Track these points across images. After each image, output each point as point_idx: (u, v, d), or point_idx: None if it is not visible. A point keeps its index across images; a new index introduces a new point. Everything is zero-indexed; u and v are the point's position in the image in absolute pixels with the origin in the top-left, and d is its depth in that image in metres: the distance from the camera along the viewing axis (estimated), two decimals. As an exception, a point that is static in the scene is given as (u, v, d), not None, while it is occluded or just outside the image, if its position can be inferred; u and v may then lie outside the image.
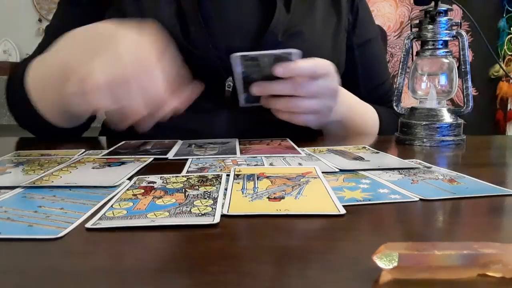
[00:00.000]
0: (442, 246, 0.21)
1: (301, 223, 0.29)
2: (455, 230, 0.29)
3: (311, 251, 0.25)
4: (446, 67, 0.62)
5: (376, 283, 0.21)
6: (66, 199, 0.34)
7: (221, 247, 0.25)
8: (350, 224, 0.29)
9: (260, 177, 0.39)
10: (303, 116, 0.61)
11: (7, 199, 0.34)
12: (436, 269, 0.21)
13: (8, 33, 2.60)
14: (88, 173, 0.43)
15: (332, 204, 0.32)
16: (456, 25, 0.61)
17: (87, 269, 0.23)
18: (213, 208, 0.31)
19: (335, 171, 0.43)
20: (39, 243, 0.26)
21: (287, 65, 0.56)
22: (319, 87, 0.58)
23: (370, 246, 0.22)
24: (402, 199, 0.34)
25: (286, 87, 0.58)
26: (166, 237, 0.27)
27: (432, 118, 0.60)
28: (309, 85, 0.58)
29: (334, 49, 0.74)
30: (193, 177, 0.40)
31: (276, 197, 0.33)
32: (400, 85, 0.66)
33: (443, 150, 0.57)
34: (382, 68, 0.87)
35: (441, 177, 0.40)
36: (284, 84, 0.58)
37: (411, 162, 0.46)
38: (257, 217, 0.30)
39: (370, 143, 0.59)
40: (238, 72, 0.58)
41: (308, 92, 0.58)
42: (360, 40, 0.81)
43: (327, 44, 0.73)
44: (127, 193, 0.35)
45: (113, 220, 0.29)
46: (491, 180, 0.39)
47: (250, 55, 0.55)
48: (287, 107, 0.60)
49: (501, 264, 0.21)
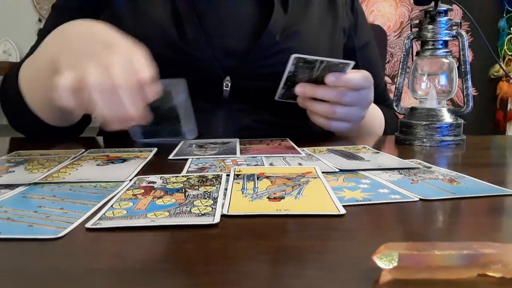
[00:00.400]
0: (442, 246, 0.21)
1: (301, 223, 0.29)
2: (455, 230, 0.29)
3: (311, 251, 0.25)
4: (446, 67, 0.62)
5: (376, 283, 0.21)
6: (66, 199, 0.34)
7: (221, 247, 0.25)
8: (350, 224, 0.29)
9: (260, 177, 0.39)
10: (338, 122, 0.63)
11: (7, 199, 0.34)
12: (436, 269, 0.21)
13: (8, 33, 2.60)
14: (94, 170, 0.43)
15: (332, 204, 0.32)
16: (456, 25, 0.61)
17: (87, 269, 0.23)
18: (213, 208, 0.31)
19: (335, 171, 0.43)
20: (39, 243, 0.26)
21: (340, 76, 0.58)
22: (360, 98, 0.61)
23: (370, 246, 0.22)
24: (402, 199, 0.34)
25: (331, 94, 0.60)
26: (166, 237, 0.27)
27: (432, 118, 0.60)
28: (353, 95, 0.60)
29: (330, 49, 0.74)
30: (193, 177, 0.40)
31: (276, 197, 0.33)
32: (400, 85, 0.66)
33: (443, 150, 0.57)
34: (378, 69, 0.89)
35: (441, 177, 0.40)
36: (330, 91, 0.60)
37: (411, 162, 0.46)
38: (257, 217, 0.30)
39: (370, 143, 0.59)
40: (288, 70, 0.59)
41: (350, 101, 0.61)
42: (361, 43, 0.82)
43: (324, 44, 0.73)
44: (127, 193, 0.35)
45: (113, 220, 0.29)
46: (491, 180, 0.39)
47: (307, 59, 0.57)
48: (326, 112, 0.61)
49: (501, 264, 0.21)
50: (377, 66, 0.89)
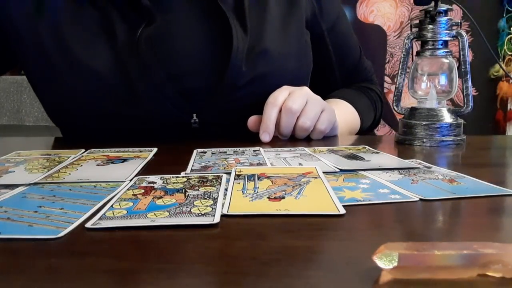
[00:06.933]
0: (442, 246, 0.21)
1: (301, 223, 0.29)
2: (455, 230, 0.29)
3: (311, 251, 0.25)
4: (446, 67, 0.62)
5: (376, 283, 0.21)
6: (66, 199, 0.34)
7: (221, 247, 0.25)
8: (350, 224, 0.29)
9: (261, 177, 0.39)
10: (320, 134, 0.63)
11: (7, 199, 0.34)
12: (436, 269, 0.21)
13: None
14: (94, 170, 0.43)
15: (332, 204, 0.32)
16: (456, 25, 0.61)
17: (87, 269, 0.23)
18: (213, 208, 0.31)
19: (335, 171, 0.43)
20: (39, 243, 0.26)
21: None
22: (312, 113, 0.61)
23: (370, 246, 0.22)
24: (402, 199, 0.34)
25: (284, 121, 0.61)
26: (166, 237, 0.27)
27: (432, 118, 0.60)
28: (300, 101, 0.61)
29: (299, 53, 0.70)
30: (193, 178, 0.40)
31: (277, 197, 0.33)
32: (400, 85, 0.66)
33: (443, 150, 0.57)
34: (348, 47, 0.84)
35: (441, 177, 0.40)
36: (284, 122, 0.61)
37: (411, 162, 0.46)
38: (257, 217, 0.30)
39: (370, 143, 0.59)
40: None
41: (313, 119, 0.61)
42: (329, 24, 0.77)
43: (293, 51, 0.68)
44: (127, 193, 0.35)
45: (113, 220, 0.29)
46: (491, 180, 0.39)
47: None
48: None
49: (501, 264, 0.21)
50: (348, 42, 0.83)
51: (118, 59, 0.60)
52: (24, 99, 1.69)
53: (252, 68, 0.63)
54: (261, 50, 0.64)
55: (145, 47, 0.59)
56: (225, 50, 0.62)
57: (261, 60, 0.64)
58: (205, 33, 0.64)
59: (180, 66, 0.63)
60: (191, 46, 0.64)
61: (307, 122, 0.60)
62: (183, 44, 0.63)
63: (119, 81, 0.60)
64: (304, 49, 0.72)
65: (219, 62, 0.62)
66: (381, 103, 0.87)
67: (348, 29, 0.84)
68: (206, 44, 0.64)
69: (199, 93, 0.63)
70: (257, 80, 0.63)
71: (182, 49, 0.63)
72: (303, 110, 0.61)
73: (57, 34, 0.61)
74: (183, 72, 0.63)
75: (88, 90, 0.60)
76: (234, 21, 0.63)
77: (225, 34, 0.62)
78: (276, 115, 0.60)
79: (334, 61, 0.80)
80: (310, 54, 0.74)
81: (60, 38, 0.61)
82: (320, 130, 0.62)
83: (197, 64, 0.63)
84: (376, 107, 0.85)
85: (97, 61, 0.60)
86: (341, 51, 0.81)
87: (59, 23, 0.61)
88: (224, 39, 0.62)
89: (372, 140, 0.67)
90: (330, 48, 0.79)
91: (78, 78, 0.60)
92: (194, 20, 0.64)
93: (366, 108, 0.81)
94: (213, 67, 0.63)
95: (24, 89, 1.69)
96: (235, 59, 0.61)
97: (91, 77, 0.60)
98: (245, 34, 0.63)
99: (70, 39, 0.61)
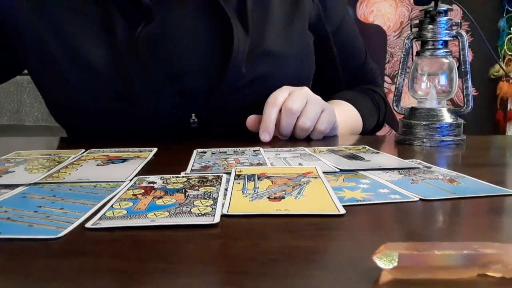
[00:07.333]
0: (442, 246, 0.21)
1: (301, 223, 0.29)
2: (455, 230, 0.29)
3: (311, 251, 0.25)
4: (446, 67, 0.62)
5: (376, 283, 0.21)
6: (66, 199, 0.34)
7: (221, 247, 0.25)
8: (350, 224, 0.29)
9: (261, 177, 0.39)
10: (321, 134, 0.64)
11: (7, 199, 0.34)
12: (436, 269, 0.21)
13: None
14: (94, 170, 0.43)
15: (332, 204, 0.32)
16: (456, 25, 0.61)
17: (87, 269, 0.23)
18: (213, 208, 0.31)
19: (335, 171, 0.43)
20: (39, 243, 0.26)
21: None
22: (312, 113, 0.62)
23: (370, 246, 0.22)
24: (402, 199, 0.34)
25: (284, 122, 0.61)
26: (166, 237, 0.27)
27: (432, 118, 0.60)
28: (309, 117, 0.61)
29: (300, 57, 0.69)
30: (193, 178, 0.40)
31: (277, 197, 0.33)
32: (400, 85, 0.66)
33: (443, 150, 0.57)
34: (354, 49, 0.83)
35: (441, 177, 0.40)
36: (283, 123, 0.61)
37: (411, 162, 0.46)
38: (257, 217, 0.30)
39: (370, 143, 0.59)
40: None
41: (313, 120, 0.62)
42: (334, 27, 0.77)
43: (294, 52, 0.68)
44: (127, 193, 0.35)
45: (113, 220, 0.29)
46: (491, 180, 0.39)
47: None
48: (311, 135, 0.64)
49: (501, 264, 0.21)
50: (353, 44, 0.83)
51: (117, 57, 0.60)
52: (24, 99, 1.69)
53: (252, 69, 0.63)
54: (262, 51, 0.63)
55: (144, 46, 0.59)
56: (226, 50, 0.61)
57: (262, 61, 0.64)
58: (206, 33, 0.64)
59: (180, 65, 0.63)
60: (191, 45, 0.63)
61: (307, 122, 0.60)
62: (183, 44, 0.63)
63: (118, 79, 0.60)
64: (306, 51, 0.71)
65: (219, 62, 0.62)
66: (385, 106, 0.87)
67: (353, 31, 0.83)
68: (207, 44, 0.64)
69: (198, 93, 0.63)
70: (257, 81, 0.63)
71: (182, 48, 0.63)
72: (303, 110, 0.61)
73: (58, 31, 0.61)
74: (182, 72, 0.63)
75: (89, 87, 0.60)
76: (235, 21, 0.62)
77: (226, 34, 0.62)
78: (276, 115, 0.60)
79: (338, 62, 0.80)
80: (313, 56, 0.73)
81: (61, 35, 0.61)
82: (320, 130, 0.62)
83: (196, 64, 0.63)
84: (379, 110, 0.85)
85: (97, 59, 0.60)
86: (345, 53, 0.80)
87: (60, 20, 0.61)
88: (225, 39, 0.62)
89: (372, 140, 0.67)
90: (334, 50, 0.78)
91: (80, 74, 0.61)
92: (195, 19, 0.64)
93: (369, 110, 0.81)
94: (213, 68, 0.63)
95: (24, 89, 1.69)
96: (235, 60, 0.61)
97: (91, 74, 0.60)
98: (246, 34, 0.63)
99: (70, 35, 0.61)
